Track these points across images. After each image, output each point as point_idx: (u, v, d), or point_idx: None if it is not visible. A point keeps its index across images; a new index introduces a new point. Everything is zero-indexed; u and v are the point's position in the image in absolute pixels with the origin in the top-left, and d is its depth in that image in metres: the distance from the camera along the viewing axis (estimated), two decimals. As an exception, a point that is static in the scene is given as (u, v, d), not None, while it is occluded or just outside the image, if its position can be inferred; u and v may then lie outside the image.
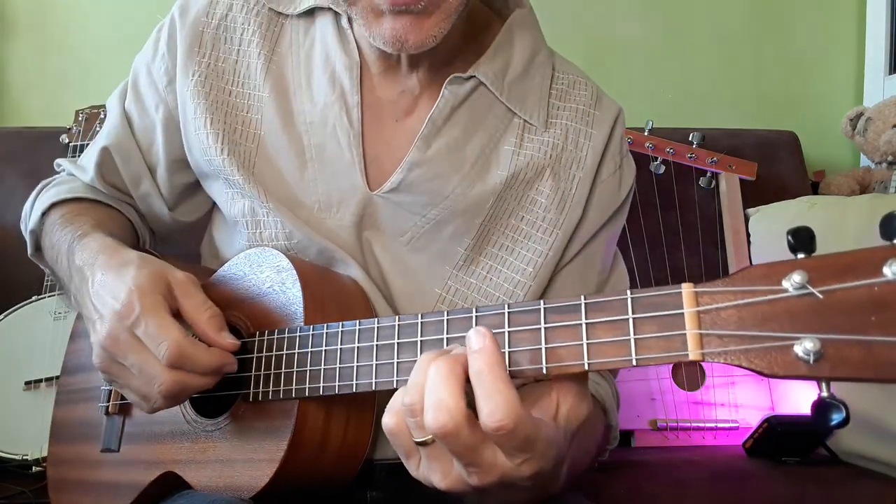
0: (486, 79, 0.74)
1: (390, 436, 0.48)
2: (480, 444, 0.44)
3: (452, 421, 0.43)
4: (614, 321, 0.44)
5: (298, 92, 0.76)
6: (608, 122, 0.79)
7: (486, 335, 0.44)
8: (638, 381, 1.44)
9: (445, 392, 0.43)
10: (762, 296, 0.39)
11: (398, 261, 0.74)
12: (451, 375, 0.44)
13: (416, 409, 0.45)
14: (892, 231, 0.36)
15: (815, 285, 0.37)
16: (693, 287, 0.42)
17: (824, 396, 0.38)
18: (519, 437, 0.43)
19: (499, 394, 0.43)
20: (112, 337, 0.59)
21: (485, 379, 0.43)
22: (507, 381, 0.43)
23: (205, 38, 0.78)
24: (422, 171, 0.73)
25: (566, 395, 0.47)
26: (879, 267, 0.36)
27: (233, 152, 0.75)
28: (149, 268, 0.62)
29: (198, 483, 0.65)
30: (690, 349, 0.41)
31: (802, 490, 1.16)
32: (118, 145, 0.82)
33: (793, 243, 0.39)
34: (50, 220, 0.79)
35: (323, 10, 0.77)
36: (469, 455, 0.44)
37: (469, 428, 0.43)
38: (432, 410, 0.43)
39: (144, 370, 0.58)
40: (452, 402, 0.43)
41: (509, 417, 0.42)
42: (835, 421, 0.37)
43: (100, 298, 0.62)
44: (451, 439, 0.43)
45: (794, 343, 0.37)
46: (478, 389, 0.43)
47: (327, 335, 0.59)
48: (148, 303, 0.59)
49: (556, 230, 0.75)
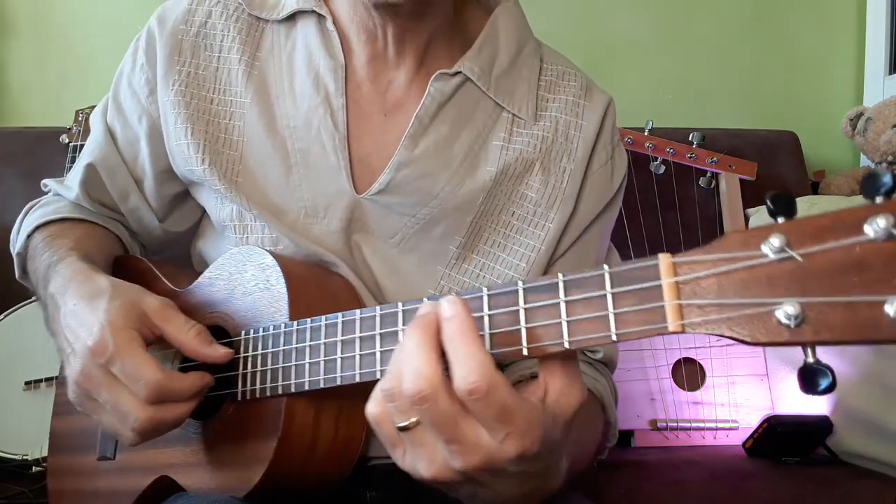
0: (472, 74, 0.73)
1: (374, 425, 0.48)
2: (459, 415, 0.44)
3: (430, 385, 0.43)
4: (593, 297, 0.43)
5: (281, 96, 0.75)
6: (598, 112, 0.78)
7: (456, 302, 0.44)
8: (638, 380, 1.44)
9: (421, 359, 0.43)
10: (741, 262, 0.38)
11: (389, 263, 0.74)
12: (425, 342, 0.44)
13: (393, 393, 0.45)
14: (874, 189, 0.35)
15: (795, 248, 0.36)
16: (671, 257, 0.41)
17: (809, 362, 0.37)
18: (494, 404, 0.42)
19: (471, 357, 0.43)
20: (85, 374, 0.59)
21: (457, 344, 0.43)
22: (479, 346, 0.43)
23: (184, 46, 0.77)
24: (410, 170, 0.72)
25: (553, 377, 0.47)
26: (860, 226, 0.35)
27: (214, 162, 0.74)
28: (121, 299, 0.61)
29: (191, 486, 0.65)
30: (670, 321, 0.40)
31: (802, 490, 1.16)
32: (103, 161, 0.81)
33: (772, 208, 0.38)
34: (33, 243, 0.78)
35: (305, 14, 0.76)
36: (450, 428, 0.44)
37: (447, 394, 0.43)
38: (410, 379, 0.43)
39: (117, 408, 0.58)
40: (428, 368, 0.43)
41: (483, 379, 0.42)
42: (822, 386, 0.37)
43: (72, 331, 0.62)
44: (430, 407, 0.43)
45: (776, 308, 0.37)
46: (451, 354, 0.43)
47: (311, 329, 0.58)
48: (121, 339, 0.58)
49: (547, 224, 0.75)
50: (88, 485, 0.75)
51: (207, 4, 0.78)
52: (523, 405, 0.44)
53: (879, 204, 0.35)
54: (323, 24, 0.75)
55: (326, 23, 0.74)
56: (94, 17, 1.86)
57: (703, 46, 1.95)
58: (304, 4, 0.75)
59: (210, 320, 0.69)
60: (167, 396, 0.58)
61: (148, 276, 0.78)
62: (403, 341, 0.45)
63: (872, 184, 0.35)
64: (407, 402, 0.44)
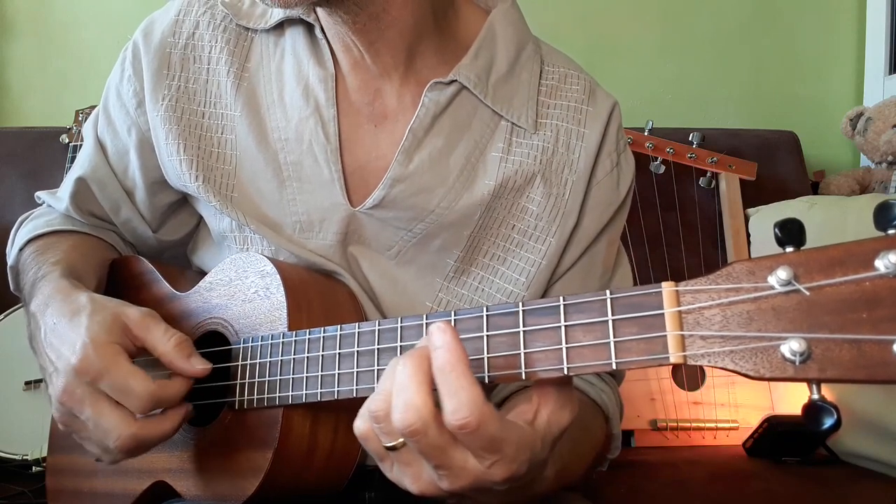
0: (468, 82, 0.70)
1: (361, 440, 0.48)
2: (448, 444, 0.43)
3: (420, 420, 0.42)
4: (593, 323, 0.43)
5: (272, 108, 0.73)
6: (602, 118, 0.74)
7: (446, 330, 0.43)
8: (638, 381, 1.43)
9: (412, 390, 0.42)
10: (747, 293, 0.37)
11: (386, 275, 0.72)
12: (418, 373, 0.43)
13: (380, 416, 0.44)
14: (887, 221, 0.34)
15: (802, 281, 0.35)
16: (674, 286, 0.40)
17: (815, 399, 0.36)
18: (484, 437, 0.42)
19: (462, 390, 0.42)
20: (68, 392, 0.58)
21: (447, 376, 0.42)
22: (469, 378, 0.42)
23: (173, 60, 0.75)
24: (404, 186, 0.69)
25: (547, 400, 0.46)
26: (871, 260, 0.34)
27: (208, 179, 0.73)
28: (101, 314, 0.60)
29: (187, 492, 0.65)
30: (671, 351, 0.39)
31: (802, 490, 1.16)
32: (93, 173, 0.80)
33: (780, 236, 0.37)
34: (23, 257, 0.77)
35: (293, 23, 0.74)
36: (438, 456, 0.43)
37: (437, 427, 0.42)
38: (400, 410, 0.42)
39: (100, 425, 0.57)
40: (419, 400, 0.42)
41: (473, 415, 0.41)
42: (826, 425, 0.36)
43: (53, 349, 0.61)
44: (420, 439, 0.42)
45: (781, 343, 0.36)
46: (441, 387, 0.43)
47: (309, 341, 0.58)
48: (106, 355, 0.57)
49: (549, 238, 0.72)
50: (86, 485, 0.75)
51: (194, 15, 0.76)
52: (512, 433, 0.44)
53: (891, 237, 0.34)
54: (311, 32, 0.73)
55: (315, 30, 0.72)
56: (94, 17, 1.86)
57: (703, 46, 1.95)
58: (291, 12, 0.72)
59: (209, 326, 0.68)
60: (162, 404, 0.58)
61: (149, 278, 0.77)
62: (396, 369, 0.44)
63: (885, 215, 0.34)
64: (395, 430, 0.43)
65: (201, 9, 0.76)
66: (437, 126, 0.71)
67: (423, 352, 0.44)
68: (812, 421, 0.36)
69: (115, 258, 0.81)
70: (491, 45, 0.73)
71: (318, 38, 0.72)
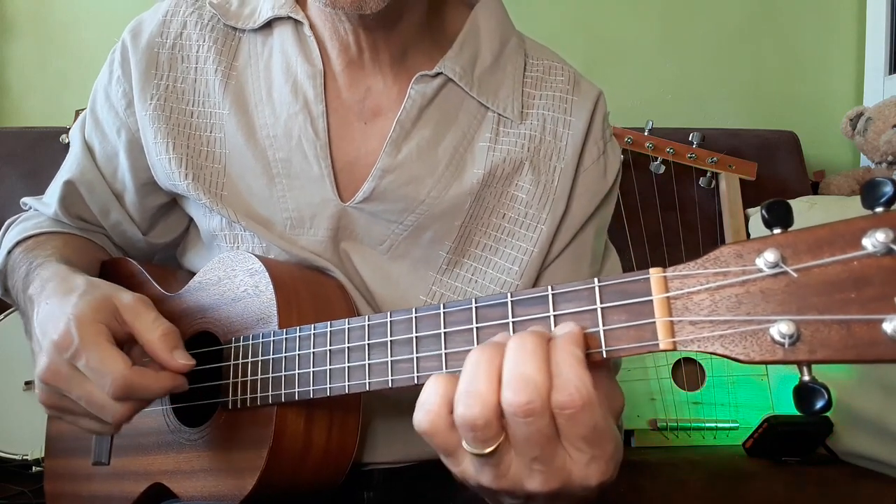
0: (453, 74, 0.71)
1: (425, 436, 0.43)
2: (555, 436, 0.40)
3: (539, 398, 0.39)
4: (582, 311, 0.42)
5: (260, 105, 0.73)
6: (587, 107, 0.75)
7: (572, 324, 0.42)
8: (638, 380, 1.44)
9: (532, 366, 0.39)
10: (735, 277, 0.37)
11: (379, 270, 0.72)
12: (538, 350, 0.40)
13: (477, 425, 0.40)
14: (873, 198, 0.33)
15: (791, 262, 0.35)
16: (662, 272, 0.40)
17: (805, 381, 0.36)
18: (588, 423, 0.39)
19: (570, 368, 0.39)
20: (52, 370, 0.56)
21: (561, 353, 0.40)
22: (579, 357, 0.40)
23: (161, 59, 0.75)
24: (393, 176, 0.70)
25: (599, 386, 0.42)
26: (858, 239, 0.33)
27: (197, 177, 0.73)
28: (93, 294, 0.59)
29: (184, 493, 0.65)
30: (661, 338, 0.39)
31: (802, 490, 1.16)
32: (81, 176, 0.79)
33: (767, 218, 0.36)
34: (12, 258, 0.77)
35: (281, 21, 0.74)
36: (544, 445, 0.40)
37: (550, 412, 0.39)
38: (514, 385, 0.39)
39: (92, 402, 0.56)
40: (540, 377, 0.39)
41: (580, 392, 0.39)
42: (817, 406, 0.35)
43: (42, 328, 0.59)
44: (534, 421, 0.39)
45: (770, 326, 0.35)
46: (553, 367, 0.40)
47: (300, 339, 0.58)
48: (87, 333, 0.55)
49: (539, 225, 0.72)
50: (84, 489, 0.75)
51: (182, 15, 0.76)
52: (613, 429, 0.42)
53: (878, 215, 0.33)
54: (300, 29, 0.73)
55: (303, 28, 0.73)
56: (94, 17, 1.86)
57: (703, 46, 1.95)
58: (279, 11, 0.73)
59: (199, 326, 0.68)
60: (134, 393, 0.55)
61: (139, 279, 0.77)
62: (509, 346, 0.41)
63: (872, 192, 0.33)
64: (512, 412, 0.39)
65: (189, 9, 0.77)
66: (424, 117, 0.72)
67: (542, 335, 0.42)
68: (804, 402, 0.36)
69: (105, 259, 0.81)
70: (475, 38, 0.74)
71: (306, 35, 0.73)
